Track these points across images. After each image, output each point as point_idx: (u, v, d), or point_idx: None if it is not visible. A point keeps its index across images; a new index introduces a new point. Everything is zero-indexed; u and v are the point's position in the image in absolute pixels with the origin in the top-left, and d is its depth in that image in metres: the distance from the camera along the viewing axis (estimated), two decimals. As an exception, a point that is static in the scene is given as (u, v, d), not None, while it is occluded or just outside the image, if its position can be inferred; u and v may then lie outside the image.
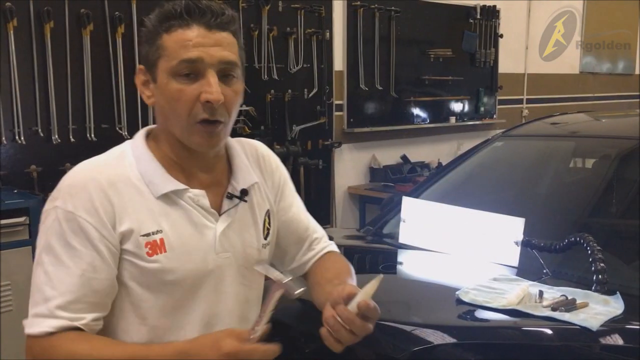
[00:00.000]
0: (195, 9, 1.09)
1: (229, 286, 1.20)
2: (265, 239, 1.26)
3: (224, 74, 1.10)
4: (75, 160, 1.23)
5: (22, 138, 3.09)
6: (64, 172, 1.16)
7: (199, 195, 1.16)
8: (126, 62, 3.41)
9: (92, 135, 3.30)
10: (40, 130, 3.15)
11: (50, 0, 3.13)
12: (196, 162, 1.17)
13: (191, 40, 1.08)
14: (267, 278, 1.15)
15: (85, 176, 1.11)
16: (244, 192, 1.21)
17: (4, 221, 2.60)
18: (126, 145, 1.20)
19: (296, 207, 1.37)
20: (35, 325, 1.06)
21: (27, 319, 1.09)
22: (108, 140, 3.33)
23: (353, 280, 1.26)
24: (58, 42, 3.17)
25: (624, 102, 6.90)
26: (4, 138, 3.04)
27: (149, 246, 1.10)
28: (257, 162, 1.30)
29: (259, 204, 1.26)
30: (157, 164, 1.15)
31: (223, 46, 1.10)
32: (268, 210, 1.28)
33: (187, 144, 1.14)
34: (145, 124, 3.44)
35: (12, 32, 3.02)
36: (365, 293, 1.07)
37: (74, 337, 1.05)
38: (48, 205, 1.11)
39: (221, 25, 1.10)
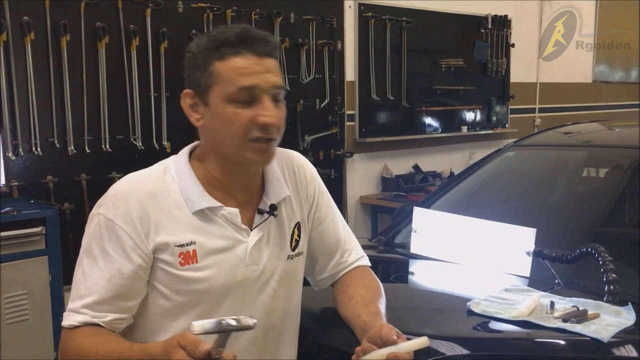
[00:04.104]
0: (247, 38, 1.16)
1: (255, 297, 1.26)
2: (293, 250, 1.32)
3: (275, 98, 1.19)
4: (91, 172, 1.33)
5: (39, 149, 3.13)
6: (79, 183, 1.24)
7: (232, 213, 1.23)
8: (141, 74, 3.45)
9: (107, 146, 3.34)
10: (56, 141, 3.19)
11: (67, 14, 3.19)
12: (237, 180, 1.25)
13: (246, 68, 1.15)
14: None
15: (128, 188, 1.21)
16: (273, 208, 1.27)
17: (20, 231, 2.64)
18: (170, 161, 1.26)
19: (331, 218, 1.43)
20: (66, 318, 1.19)
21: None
22: (123, 151, 3.40)
23: (383, 300, 1.34)
24: (74, 55, 3.22)
25: (637, 111, 6.85)
26: (20, 149, 3.09)
27: (182, 256, 1.18)
28: (292, 172, 1.36)
29: (289, 216, 1.32)
30: (197, 181, 1.22)
31: (273, 72, 1.18)
32: (298, 223, 1.33)
33: (240, 161, 1.21)
34: (158, 136, 3.51)
35: (29, 45, 3.07)
36: (403, 348, 1.10)
37: (87, 333, 1.16)
38: (94, 211, 1.21)
39: (269, 53, 1.18)
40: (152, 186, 1.21)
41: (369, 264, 1.47)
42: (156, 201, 1.19)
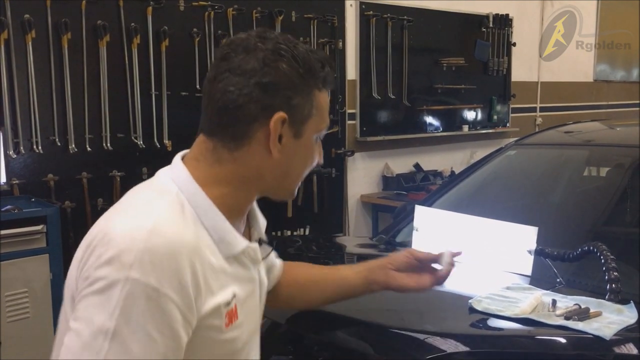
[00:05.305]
0: (332, 69, 1.05)
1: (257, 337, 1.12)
2: None
3: None
4: (92, 170, 1.17)
5: (40, 147, 3.14)
6: (80, 181, 1.10)
7: (254, 249, 1.06)
8: (142, 73, 3.45)
9: (108, 145, 3.34)
10: (57, 139, 3.20)
11: (68, 12, 3.19)
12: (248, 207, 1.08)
13: (329, 104, 1.06)
14: None
15: (169, 239, 0.87)
16: (273, 238, 1.17)
17: (21, 229, 2.64)
18: (173, 187, 0.97)
19: None
20: None
21: None
22: (124, 149, 3.40)
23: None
24: (75, 53, 3.22)
25: (638, 110, 6.85)
26: (21, 147, 3.09)
27: (227, 316, 0.96)
28: None
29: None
30: (222, 216, 0.98)
31: None
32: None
33: (281, 197, 1.08)
34: (159, 134, 3.51)
35: (30, 43, 3.07)
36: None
37: None
38: (115, 273, 0.84)
39: None
40: (191, 234, 0.92)
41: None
42: (199, 253, 0.91)
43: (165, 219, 0.90)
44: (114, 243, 0.86)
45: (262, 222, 1.13)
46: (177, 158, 1.02)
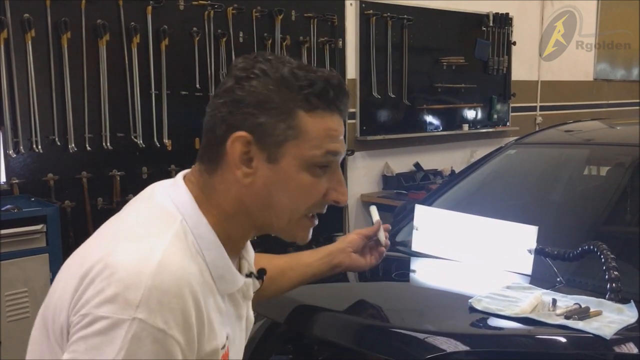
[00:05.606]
0: (341, 92, 0.94)
1: None
2: None
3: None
4: (92, 169, 1.14)
5: (39, 147, 3.13)
6: (80, 181, 1.05)
7: (249, 285, 1.00)
8: (141, 72, 3.45)
9: (108, 144, 3.34)
10: (57, 139, 3.19)
11: (68, 12, 3.18)
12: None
13: (335, 130, 0.93)
14: None
15: (177, 276, 0.81)
16: (264, 272, 1.08)
17: (21, 229, 2.64)
18: (174, 210, 0.90)
19: None
20: None
21: None
22: (123, 149, 3.39)
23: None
24: (75, 52, 3.22)
25: (638, 109, 6.85)
26: (21, 147, 3.08)
27: (223, 358, 0.91)
28: None
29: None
30: (224, 251, 0.91)
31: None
32: None
33: (284, 237, 0.98)
34: (159, 134, 3.50)
35: (30, 42, 3.07)
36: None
37: None
38: (119, 312, 0.77)
39: (346, 113, 0.98)
40: (196, 270, 0.86)
41: None
42: (202, 289, 0.85)
43: (172, 252, 0.84)
44: (118, 277, 0.79)
45: (252, 253, 1.07)
46: (179, 178, 0.95)
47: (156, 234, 0.86)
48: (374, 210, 1.58)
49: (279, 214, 0.93)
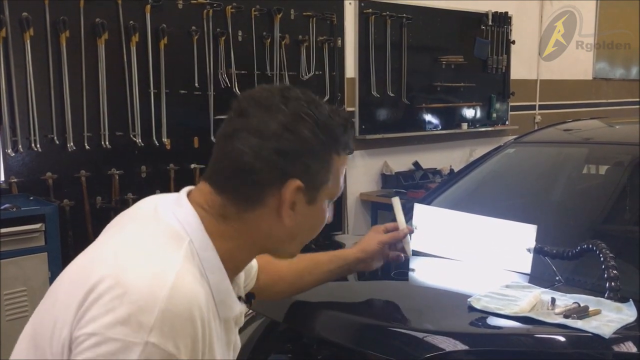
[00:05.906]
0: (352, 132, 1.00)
1: None
2: None
3: None
4: (91, 168, 1.13)
5: (38, 145, 3.13)
6: (79, 179, 1.05)
7: (242, 312, 1.00)
8: (140, 71, 3.45)
9: (107, 143, 3.34)
10: (55, 137, 3.19)
11: (66, 10, 3.18)
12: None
13: (345, 168, 1.00)
14: None
15: (189, 300, 0.81)
16: (252, 296, 1.09)
17: (20, 228, 2.64)
18: (180, 229, 0.89)
19: None
20: None
21: None
22: (122, 147, 3.39)
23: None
24: (73, 51, 3.22)
25: (637, 108, 6.85)
26: (20, 145, 3.08)
27: None
28: None
29: None
30: (227, 277, 0.92)
31: None
32: None
33: (281, 257, 1.04)
34: (158, 132, 3.50)
35: (28, 41, 3.07)
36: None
37: None
38: (132, 335, 0.76)
39: None
40: (204, 293, 0.85)
41: None
42: (210, 316, 0.86)
43: (184, 275, 0.83)
44: (131, 299, 0.77)
45: (242, 276, 1.06)
46: (184, 197, 0.93)
47: (166, 254, 0.85)
48: (396, 202, 1.50)
49: (300, 243, 1.00)
